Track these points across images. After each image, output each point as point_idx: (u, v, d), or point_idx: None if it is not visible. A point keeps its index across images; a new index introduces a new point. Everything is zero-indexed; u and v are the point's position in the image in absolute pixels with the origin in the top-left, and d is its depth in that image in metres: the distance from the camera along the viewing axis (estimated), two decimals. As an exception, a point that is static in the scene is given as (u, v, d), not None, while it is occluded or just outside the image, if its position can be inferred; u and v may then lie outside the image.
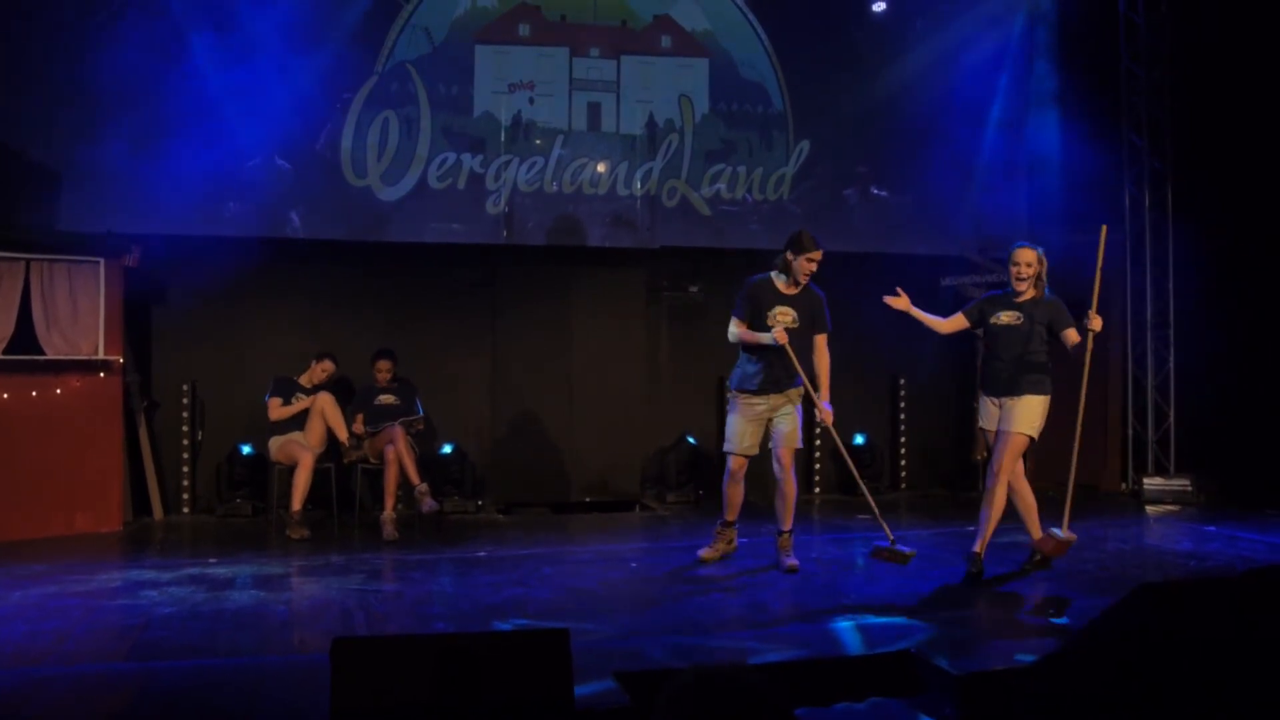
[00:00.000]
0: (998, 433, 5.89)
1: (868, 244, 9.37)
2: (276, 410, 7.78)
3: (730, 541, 6.47)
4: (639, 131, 8.99)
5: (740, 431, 6.16)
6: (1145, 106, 9.52)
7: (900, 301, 6.09)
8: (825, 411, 6.12)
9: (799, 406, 6.21)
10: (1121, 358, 9.64)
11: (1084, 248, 9.15)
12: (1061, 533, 5.82)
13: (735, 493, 6.29)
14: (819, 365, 6.19)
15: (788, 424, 6.16)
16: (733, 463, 6.21)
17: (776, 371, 6.08)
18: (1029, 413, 5.81)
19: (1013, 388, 5.83)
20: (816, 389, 6.13)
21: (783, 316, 6.08)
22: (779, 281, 6.14)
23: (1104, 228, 6.00)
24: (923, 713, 4.04)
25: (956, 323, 6.12)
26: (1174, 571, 6.37)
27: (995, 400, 5.91)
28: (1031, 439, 5.85)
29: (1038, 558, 6.04)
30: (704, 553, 6.37)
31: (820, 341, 6.19)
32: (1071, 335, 5.86)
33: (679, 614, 5.30)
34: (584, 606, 5.42)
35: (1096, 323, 5.71)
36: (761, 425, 6.17)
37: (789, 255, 6.08)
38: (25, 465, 7.36)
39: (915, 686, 4.24)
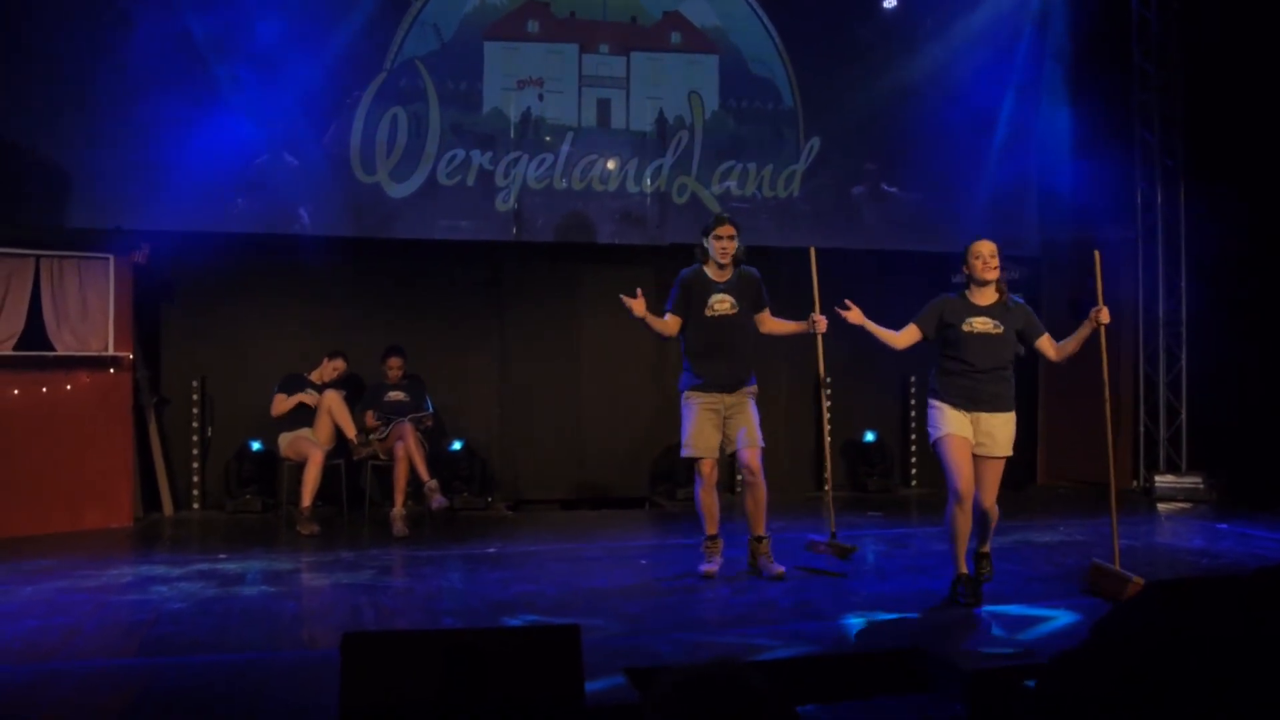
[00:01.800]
0: (981, 459, 5.32)
1: (877, 241, 9.36)
2: (278, 405, 7.80)
3: (720, 552, 6.01)
4: (649, 128, 8.97)
5: (699, 430, 5.83)
6: (1157, 103, 9.47)
7: (853, 315, 5.63)
8: (820, 319, 5.89)
9: (753, 403, 5.95)
10: (1133, 355, 9.61)
11: (1094, 244, 9.15)
12: (1114, 567, 5.45)
13: (712, 501, 5.91)
14: (781, 329, 6.06)
15: (746, 424, 5.85)
16: (703, 467, 5.86)
17: (725, 369, 5.86)
18: (1012, 431, 5.40)
19: (994, 402, 5.32)
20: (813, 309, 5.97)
21: (721, 305, 5.88)
22: (710, 271, 5.96)
23: (1096, 254, 5.59)
24: (931, 710, 4.03)
25: (910, 335, 5.49)
26: (1185, 569, 6.34)
27: (969, 415, 5.32)
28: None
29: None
30: (707, 569, 5.90)
31: (766, 315, 6.05)
32: (1047, 343, 5.43)
33: (688, 611, 5.30)
34: (593, 603, 5.41)
35: (1104, 315, 5.34)
36: (719, 424, 5.86)
37: (704, 241, 5.96)
38: (36, 461, 7.39)
39: (924, 684, 4.23)
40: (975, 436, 5.31)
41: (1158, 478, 9.07)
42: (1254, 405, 8.70)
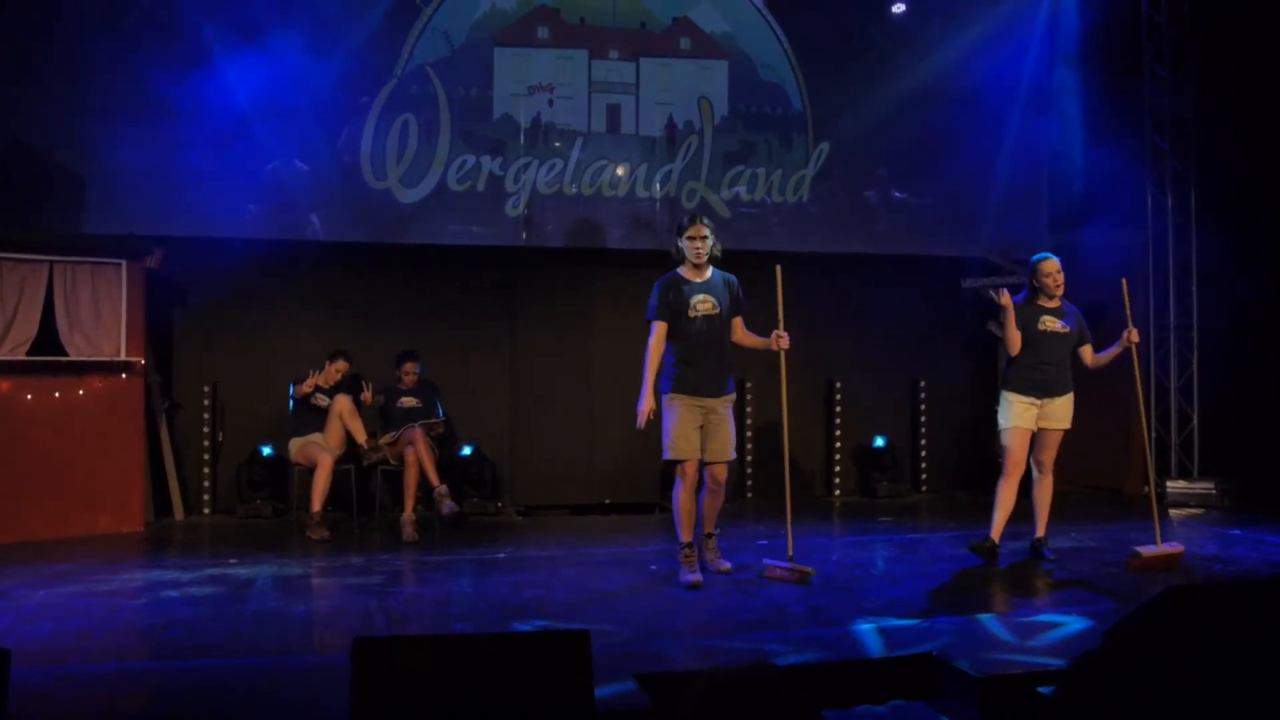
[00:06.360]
0: (1045, 430, 6.34)
1: (888, 246, 9.35)
2: (300, 389, 7.88)
3: (698, 560, 5.96)
4: (658, 133, 8.98)
5: (683, 434, 5.81)
6: (1168, 107, 9.44)
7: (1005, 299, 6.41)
8: (782, 336, 5.92)
9: (731, 414, 6.00)
10: (1144, 360, 9.57)
11: (1105, 249, 9.13)
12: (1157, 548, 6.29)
13: (692, 506, 5.88)
14: (749, 341, 6.04)
15: (722, 434, 5.89)
16: (687, 469, 5.82)
17: (709, 373, 5.87)
18: (1071, 409, 6.40)
19: (1057, 389, 6.34)
20: (769, 334, 5.98)
21: (703, 305, 5.87)
22: (687, 273, 5.95)
23: (1124, 281, 6.54)
24: (944, 715, 4.02)
25: (1015, 336, 6.36)
26: (1199, 575, 6.31)
27: (1036, 401, 6.30)
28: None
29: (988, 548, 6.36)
30: (694, 579, 5.78)
31: (740, 323, 6.04)
32: (1089, 351, 6.46)
33: (699, 616, 5.29)
34: (603, 608, 5.41)
35: (1135, 335, 6.39)
36: (699, 427, 5.86)
37: (678, 243, 5.95)
38: (48, 466, 7.42)
39: (936, 689, 4.22)
40: (1042, 415, 6.33)
41: (1169, 483, 9.03)
42: (1266, 410, 8.66)
